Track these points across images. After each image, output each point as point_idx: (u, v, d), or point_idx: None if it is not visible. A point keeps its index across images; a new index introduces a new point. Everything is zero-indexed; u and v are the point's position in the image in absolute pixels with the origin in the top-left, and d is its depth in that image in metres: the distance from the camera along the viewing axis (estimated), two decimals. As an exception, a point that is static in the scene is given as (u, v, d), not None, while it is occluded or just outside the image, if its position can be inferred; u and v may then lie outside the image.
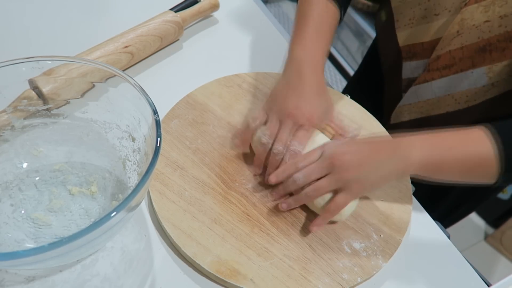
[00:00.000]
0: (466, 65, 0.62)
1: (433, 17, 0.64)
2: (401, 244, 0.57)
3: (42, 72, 0.55)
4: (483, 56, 0.60)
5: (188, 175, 0.60)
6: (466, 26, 0.60)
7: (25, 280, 0.50)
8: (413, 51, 0.68)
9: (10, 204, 0.53)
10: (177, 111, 0.67)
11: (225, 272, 0.51)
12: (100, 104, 0.55)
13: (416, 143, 0.52)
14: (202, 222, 0.55)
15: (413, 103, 0.70)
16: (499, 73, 0.60)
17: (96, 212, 0.54)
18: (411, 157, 0.51)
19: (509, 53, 0.58)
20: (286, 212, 0.58)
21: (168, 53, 0.78)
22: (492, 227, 1.67)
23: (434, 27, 0.64)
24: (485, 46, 0.60)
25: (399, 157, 0.52)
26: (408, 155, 0.52)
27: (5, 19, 0.80)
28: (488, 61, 0.60)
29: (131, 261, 0.53)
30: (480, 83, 0.62)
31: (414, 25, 0.66)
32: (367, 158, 0.52)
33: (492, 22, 0.58)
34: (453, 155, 0.52)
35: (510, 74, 0.60)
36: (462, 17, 0.60)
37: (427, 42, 0.66)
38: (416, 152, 0.51)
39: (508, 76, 0.60)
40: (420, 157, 0.51)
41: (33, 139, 0.56)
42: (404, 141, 0.53)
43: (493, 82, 0.61)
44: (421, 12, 0.65)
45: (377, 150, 0.53)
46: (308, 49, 0.61)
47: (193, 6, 0.81)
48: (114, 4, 0.87)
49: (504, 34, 0.58)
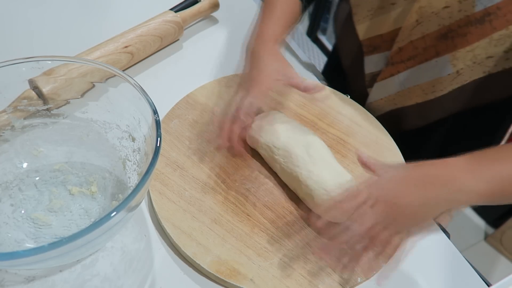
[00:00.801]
0: (430, 54, 0.61)
1: (390, 6, 0.62)
2: (401, 245, 0.56)
3: (42, 72, 0.55)
4: (446, 44, 0.59)
5: (188, 175, 0.60)
6: (425, 14, 0.59)
7: (25, 280, 0.50)
8: (373, 44, 0.66)
9: (10, 204, 0.53)
10: (177, 111, 0.67)
11: (225, 272, 0.51)
12: (100, 104, 0.55)
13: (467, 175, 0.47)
14: (202, 222, 0.55)
15: (384, 98, 0.69)
16: (463, 60, 0.58)
17: (96, 212, 0.54)
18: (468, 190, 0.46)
19: (471, 38, 0.56)
20: (286, 212, 0.58)
21: (168, 53, 0.78)
22: (492, 227, 1.67)
23: (392, 17, 0.62)
24: (446, 33, 0.58)
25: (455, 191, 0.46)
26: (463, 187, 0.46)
27: (5, 19, 0.80)
28: (451, 48, 0.59)
29: (131, 261, 0.53)
30: (445, 71, 0.60)
31: (372, 17, 0.65)
32: (419, 198, 0.47)
33: (451, 7, 0.56)
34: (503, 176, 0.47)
35: (474, 60, 0.58)
36: (420, 5, 0.58)
37: (386, 33, 0.64)
38: (468, 183, 0.46)
39: (473, 62, 0.58)
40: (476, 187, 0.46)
41: (33, 139, 0.56)
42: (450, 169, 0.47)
43: (458, 69, 0.59)
44: (378, 3, 0.63)
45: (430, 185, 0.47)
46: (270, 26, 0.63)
47: (193, 6, 0.81)
48: (114, 4, 0.87)
49: (464, 19, 0.56)
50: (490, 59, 0.56)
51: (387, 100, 0.68)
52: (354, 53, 0.69)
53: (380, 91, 0.69)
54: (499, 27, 0.54)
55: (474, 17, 0.55)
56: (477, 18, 0.55)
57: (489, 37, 0.55)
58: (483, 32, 0.55)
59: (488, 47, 0.56)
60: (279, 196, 0.59)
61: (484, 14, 0.54)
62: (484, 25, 0.55)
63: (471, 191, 0.46)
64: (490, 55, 0.56)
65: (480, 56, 0.57)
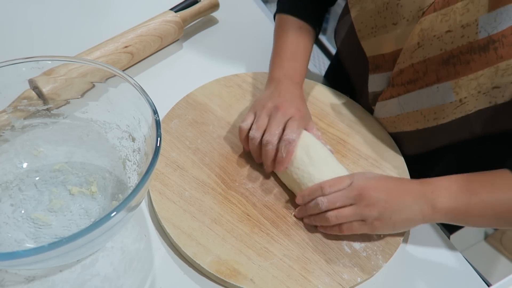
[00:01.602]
0: (431, 79, 0.58)
1: (392, 26, 0.60)
2: (401, 244, 0.57)
3: (42, 72, 0.55)
4: (447, 69, 0.55)
5: (188, 175, 0.60)
6: (426, 37, 0.56)
7: (25, 280, 0.50)
8: (376, 63, 0.64)
9: (10, 204, 0.53)
10: (177, 111, 0.67)
11: (225, 272, 0.51)
12: (100, 104, 0.55)
13: (442, 188, 0.52)
14: (202, 222, 0.55)
15: (385, 118, 0.67)
16: (467, 88, 0.55)
17: (96, 212, 0.54)
18: (437, 204, 0.52)
19: (474, 65, 0.53)
20: (286, 212, 0.58)
21: (168, 53, 0.78)
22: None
23: (393, 37, 0.60)
24: (448, 59, 0.55)
25: (425, 202, 0.52)
26: (434, 201, 0.52)
27: (5, 19, 0.80)
28: (452, 75, 0.55)
29: (131, 261, 0.53)
30: (448, 99, 0.57)
31: (376, 34, 0.62)
32: (393, 198, 0.52)
33: (454, 32, 0.53)
34: (481, 201, 0.51)
35: (479, 89, 0.54)
36: (422, 27, 0.56)
37: (388, 53, 0.62)
38: (441, 197, 0.52)
39: (477, 92, 0.54)
40: (445, 203, 0.52)
41: (33, 139, 0.56)
42: (431, 186, 0.53)
43: (461, 98, 0.56)
44: (381, 21, 0.61)
45: (405, 191, 0.53)
46: (286, 70, 0.66)
47: (193, 6, 0.81)
48: (114, 4, 0.87)
49: (467, 45, 0.53)
50: (497, 89, 0.53)
51: (388, 121, 0.66)
52: (361, 68, 0.67)
53: (381, 111, 0.67)
54: (506, 56, 0.51)
55: (478, 44, 0.52)
56: (480, 45, 0.52)
57: (495, 66, 0.52)
58: (488, 61, 0.52)
59: (494, 76, 0.52)
60: (279, 196, 0.59)
61: (488, 42, 0.51)
62: (489, 53, 0.52)
63: (440, 210, 0.52)
64: (497, 85, 0.53)
65: (485, 86, 0.53)
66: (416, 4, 0.56)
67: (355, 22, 0.65)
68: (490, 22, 0.50)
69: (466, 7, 0.52)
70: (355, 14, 0.64)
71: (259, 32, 0.85)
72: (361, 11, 0.63)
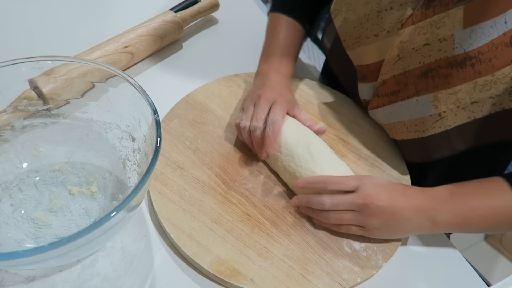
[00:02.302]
0: (411, 92, 0.58)
1: (373, 37, 0.60)
2: (401, 244, 0.57)
3: (42, 72, 0.55)
4: (426, 83, 0.55)
5: (188, 175, 0.60)
6: (406, 50, 0.56)
7: (25, 280, 0.50)
8: (362, 72, 0.64)
9: (10, 204, 0.53)
10: (177, 111, 0.67)
11: (225, 272, 0.51)
12: (100, 104, 0.55)
13: (443, 205, 0.53)
14: (202, 222, 0.55)
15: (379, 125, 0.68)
16: (445, 103, 0.55)
17: (96, 212, 0.54)
18: (437, 220, 0.53)
19: (452, 80, 0.53)
20: (286, 212, 0.58)
21: (168, 53, 0.78)
22: (492, 227, 1.67)
23: (375, 48, 0.60)
24: (426, 72, 0.55)
25: (426, 218, 0.53)
26: (434, 217, 0.53)
27: (5, 19, 0.80)
28: (431, 88, 0.55)
29: (131, 261, 0.53)
30: (427, 112, 0.57)
31: (360, 45, 0.63)
32: (396, 212, 0.53)
33: (431, 45, 0.54)
34: (478, 213, 0.53)
35: (457, 104, 0.54)
36: (401, 40, 0.56)
37: (372, 64, 0.62)
38: (441, 214, 0.53)
39: (456, 106, 0.54)
40: (445, 219, 0.53)
41: (33, 139, 0.56)
42: (433, 201, 0.54)
43: (440, 112, 0.56)
44: (364, 32, 0.61)
45: (408, 206, 0.53)
46: (272, 64, 0.68)
47: (193, 6, 0.81)
48: (114, 4, 0.87)
49: (445, 59, 0.53)
50: (475, 104, 0.53)
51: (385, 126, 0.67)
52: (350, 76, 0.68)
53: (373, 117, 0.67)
54: (483, 72, 0.51)
55: (455, 60, 0.52)
56: (457, 61, 0.52)
57: (473, 82, 0.52)
58: (466, 76, 0.52)
59: (472, 91, 0.53)
60: (279, 196, 0.59)
61: (465, 58, 0.51)
62: (466, 69, 0.52)
63: (439, 223, 0.53)
64: (475, 100, 0.53)
65: (464, 101, 0.54)
66: (395, 16, 0.56)
67: (339, 32, 0.66)
68: (465, 39, 0.51)
69: (442, 20, 0.52)
70: (339, 25, 0.65)
71: (259, 32, 0.85)
72: (344, 22, 0.64)
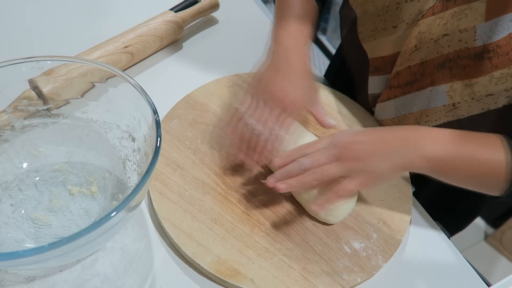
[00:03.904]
0: (427, 82, 0.58)
1: (391, 29, 0.60)
2: (401, 244, 0.57)
3: (42, 72, 0.55)
4: (443, 73, 0.55)
5: (188, 175, 0.60)
6: (424, 40, 0.56)
7: (25, 280, 0.50)
8: (376, 65, 0.64)
9: (10, 204, 0.53)
10: (177, 111, 0.67)
11: (225, 272, 0.51)
12: (100, 104, 0.55)
13: (428, 137, 0.51)
14: (202, 222, 0.55)
15: (383, 120, 0.67)
16: (461, 94, 0.55)
17: (96, 212, 0.54)
18: (421, 150, 0.50)
19: (470, 72, 0.53)
20: (286, 212, 0.58)
21: (168, 53, 0.78)
22: (492, 227, 1.67)
23: (392, 40, 0.60)
24: (444, 62, 0.55)
25: (410, 148, 0.51)
26: (419, 147, 0.50)
27: (5, 19, 0.80)
28: (448, 79, 0.55)
29: (131, 261, 0.53)
30: (441, 102, 0.57)
31: (376, 37, 0.62)
32: (378, 149, 0.51)
33: (451, 36, 0.53)
34: (463, 156, 0.50)
35: (472, 96, 0.54)
36: (420, 30, 0.56)
37: (388, 56, 0.61)
38: (427, 145, 0.50)
39: (471, 98, 0.55)
40: (430, 152, 0.50)
41: (33, 139, 0.56)
42: (417, 133, 0.52)
43: (454, 102, 0.56)
44: (381, 24, 0.61)
45: (389, 139, 0.52)
46: (292, 35, 0.61)
47: (193, 6, 0.81)
48: (114, 4, 0.87)
49: (464, 50, 0.53)
50: (490, 96, 0.53)
51: (387, 124, 0.67)
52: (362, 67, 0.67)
53: (380, 113, 0.67)
54: (500, 65, 0.51)
55: (474, 51, 0.52)
56: (476, 53, 0.52)
57: (490, 75, 0.52)
58: (483, 69, 0.52)
59: (488, 84, 0.53)
60: (279, 196, 0.59)
61: (483, 51, 0.52)
62: (484, 62, 0.52)
63: (426, 157, 0.50)
64: (490, 92, 0.53)
65: (479, 93, 0.54)
66: (416, 7, 0.56)
67: (358, 23, 0.65)
68: (486, 32, 0.51)
69: (464, 12, 0.52)
70: (359, 15, 0.64)
71: (259, 32, 0.85)
72: (363, 14, 0.63)
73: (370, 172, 0.51)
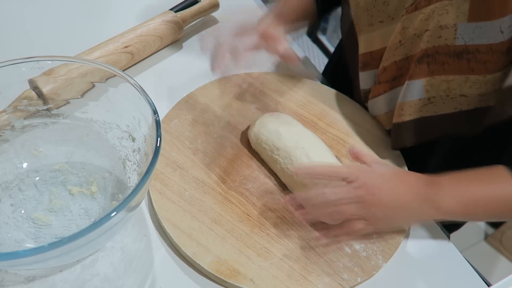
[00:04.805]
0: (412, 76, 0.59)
1: (378, 24, 0.60)
2: (401, 244, 0.57)
3: (42, 72, 0.55)
4: (420, 67, 0.57)
5: (188, 175, 0.60)
6: (408, 36, 0.57)
7: (25, 280, 0.50)
8: (364, 61, 0.65)
9: (10, 204, 0.53)
10: (177, 111, 0.67)
11: (225, 272, 0.51)
12: (100, 104, 0.55)
13: (443, 194, 0.52)
14: (202, 222, 0.55)
15: (377, 116, 0.68)
16: (437, 88, 0.56)
17: (96, 212, 0.54)
18: (441, 207, 0.52)
19: (448, 68, 0.54)
20: (286, 212, 0.58)
21: (168, 53, 0.78)
22: (492, 227, 1.67)
23: (379, 35, 0.61)
24: (422, 57, 0.56)
25: (429, 205, 0.52)
26: (437, 204, 0.52)
27: (5, 19, 0.80)
28: (425, 73, 0.56)
29: (131, 261, 0.53)
30: (417, 95, 0.58)
31: (367, 32, 0.63)
32: (399, 201, 0.52)
33: (431, 31, 0.54)
34: (482, 199, 0.53)
35: (447, 93, 0.56)
36: (403, 26, 0.57)
37: (375, 51, 0.62)
38: (442, 202, 0.52)
39: (446, 95, 0.56)
40: (448, 208, 0.52)
41: (33, 139, 0.56)
42: (436, 188, 0.53)
43: (430, 97, 0.57)
44: (369, 19, 0.62)
45: (411, 195, 0.53)
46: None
47: (193, 6, 0.81)
48: (114, 4, 0.87)
49: (444, 47, 0.53)
50: (464, 97, 0.55)
51: (381, 118, 0.67)
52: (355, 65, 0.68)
53: (373, 108, 0.68)
54: (477, 71, 0.52)
55: (454, 50, 0.53)
56: (456, 51, 0.53)
57: (465, 77, 0.53)
58: (461, 69, 0.53)
59: (463, 85, 0.54)
60: (279, 196, 0.59)
61: (463, 50, 0.52)
62: (462, 62, 0.53)
63: (443, 211, 0.52)
64: (465, 94, 0.55)
65: (454, 91, 0.55)
66: (401, 2, 0.57)
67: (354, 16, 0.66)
68: (468, 32, 0.51)
69: (445, 8, 0.52)
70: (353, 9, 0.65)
71: (259, 32, 0.85)
72: (356, 7, 0.64)
73: (387, 221, 0.54)
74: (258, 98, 0.71)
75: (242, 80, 0.73)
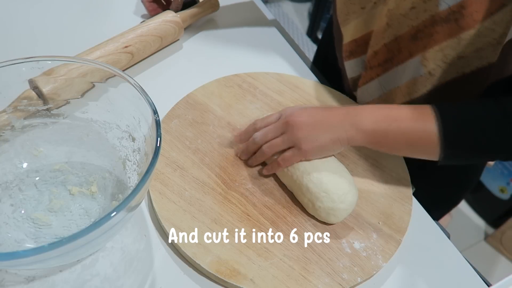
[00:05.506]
0: (405, 55, 0.61)
1: (360, 11, 0.62)
2: (401, 244, 0.57)
3: (42, 72, 0.55)
4: (416, 44, 0.59)
5: (188, 175, 0.60)
6: (394, 16, 0.59)
7: (25, 280, 0.50)
8: (349, 50, 0.66)
9: (10, 204, 0.53)
10: (177, 111, 0.67)
11: (225, 272, 0.51)
12: (100, 104, 0.55)
13: (365, 113, 0.55)
14: (202, 222, 0.55)
15: (369, 101, 0.69)
16: (434, 60, 0.58)
17: (96, 212, 0.54)
18: (359, 125, 0.54)
19: (438, 37, 0.56)
20: (286, 213, 0.58)
21: (168, 53, 0.78)
22: (492, 227, 1.68)
23: (362, 21, 0.62)
24: (415, 34, 0.58)
25: (349, 123, 0.55)
26: (357, 122, 0.55)
27: (6, 19, 0.80)
28: (420, 49, 0.58)
29: (131, 261, 0.53)
30: (418, 73, 0.60)
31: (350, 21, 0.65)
32: (319, 121, 0.56)
33: (417, 8, 0.56)
34: (398, 127, 0.54)
35: (444, 60, 0.57)
36: (388, 8, 0.59)
37: (359, 38, 0.64)
38: (365, 120, 0.54)
39: (443, 62, 0.58)
40: (368, 126, 0.54)
41: (33, 139, 0.56)
42: (356, 109, 0.56)
43: (430, 70, 0.59)
44: (352, 7, 0.63)
45: (330, 115, 0.56)
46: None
47: (193, 6, 0.81)
48: (114, 4, 0.87)
49: (430, 18, 0.56)
50: (462, 59, 0.56)
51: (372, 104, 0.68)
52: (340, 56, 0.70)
53: (364, 95, 0.69)
54: (466, 27, 0.53)
55: (439, 17, 0.55)
56: (442, 17, 0.55)
57: (457, 37, 0.55)
58: (450, 32, 0.55)
59: (457, 46, 0.55)
60: (279, 196, 0.59)
61: (448, 13, 0.54)
62: (450, 24, 0.54)
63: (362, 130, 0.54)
64: (462, 55, 0.56)
65: (450, 56, 0.56)
66: None
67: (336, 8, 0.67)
68: None
69: None
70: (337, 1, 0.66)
71: (259, 32, 0.85)
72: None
73: (312, 142, 0.56)
74: (258, 98, 0.71)
75: (242, 80, 0.73)
